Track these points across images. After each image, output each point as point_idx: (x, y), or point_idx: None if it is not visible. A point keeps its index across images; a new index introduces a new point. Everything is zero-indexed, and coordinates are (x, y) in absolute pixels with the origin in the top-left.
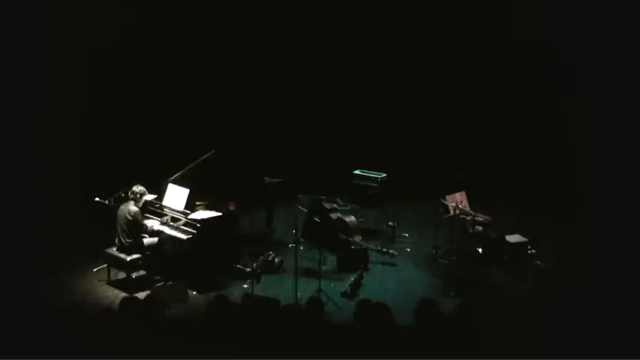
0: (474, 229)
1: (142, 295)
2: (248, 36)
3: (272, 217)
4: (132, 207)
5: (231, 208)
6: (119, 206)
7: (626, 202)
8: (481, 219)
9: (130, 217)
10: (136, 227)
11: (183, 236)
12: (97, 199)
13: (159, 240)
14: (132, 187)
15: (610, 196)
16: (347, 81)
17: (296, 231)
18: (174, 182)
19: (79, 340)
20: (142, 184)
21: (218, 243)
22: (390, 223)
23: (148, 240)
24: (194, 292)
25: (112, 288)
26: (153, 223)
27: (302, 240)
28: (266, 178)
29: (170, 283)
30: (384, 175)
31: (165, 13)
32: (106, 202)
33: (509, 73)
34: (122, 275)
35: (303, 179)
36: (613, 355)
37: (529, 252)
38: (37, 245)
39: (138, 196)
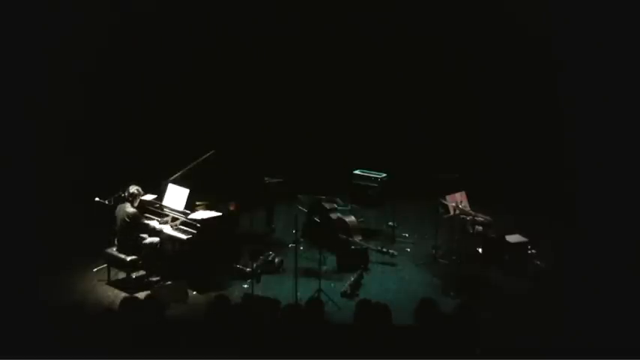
0: (474, 229)
1: (142, 295)
2: (248, 35)
3: (272, 217)
4: (129, 209)
5: (231, 208)
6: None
7: (625, 201)
8: (481, 219)
9: (127, 219)
10: (137, 228)
11: (183, 236)
12: (97, 199)
13: (159, 240)
14: (129, 187)
15: (609, 196)
16: (347, 81)
17: (296, 231)
18: (174, 182)
19: (79, 340)
20: (138, 184)
21: (218, 243)
22: (390, 223)
23: (148, 240)
24: (194, 292)
25: (112, 288)
26: (153, 224)
27: (302, 240)
28: (266, 178)
29: (170, 283)
30: (384, 175)
31: (165, 12)
32: (106, 202)
33: (509, 73)
34: (122, 275)
35: (303, 179)
36: (613, 355)
37: (529, 252)
38: (37, 245)
39: (134, 197)
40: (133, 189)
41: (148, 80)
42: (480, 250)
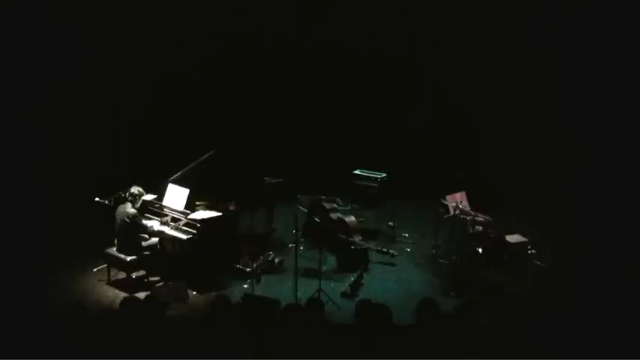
0: (474, 229)
1: (142, 295)
2: (248, 35)
3: (272, 217)
4: (129, 209)
5: (232, 207)
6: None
7: (625, 201)
8: (481, 219)
9: (128, 220)
10: (136, 229)
11: (184, 236)
12: (97, 199)
13: (159, 240)
14: (130, 187)
15: (609, 197)
16: (347, 81)
17: (296, 231)
18: (175, 182)
19: (79, 340)
20: (140, 185)
21: (218, 243)
22: (390, 223)
23: (148, 240)
24: (194, 292)
25: (112, 288)
26: (153, 224)
27: (302, 240)
28: (266, 178)
29: (170, 283)
30: (384, 175)
31: (166, 11)
32: (106, 202)
33: (509, 74)
34: (122, 275)
35: (303, 179)
36: (613, 355)
37: (529, 252)
38: (37, 245)
39: (135, 197)
40: (135, 189)
41: (148, 80)
42: (480, 250)
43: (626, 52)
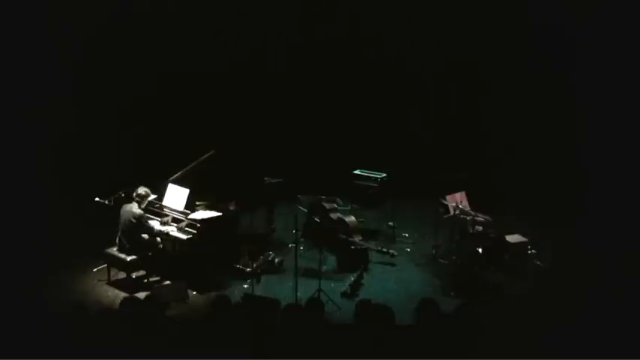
0: (474, 229)
1: (142, 295)
2: (248, 35)
3: (272, 217)
4: (136, 210)
5: (232, 207)
6: (120, 206)
7: (625, 201)
8: (481, 219)
9: (134, 220)
10: (141, 229)
11: (184, 236)
12: (97, 199)
13: (160, 240)
14: (136, 188)
15: (609, 196)
16: (347, 80)
17: (296, 231)
18: (175, 182)
19: (79, 340)
20: (137, 184)
21: (218, 243)
22: (390, 223)
23: (149, 240)
24: (194, 292)
25: (112, 288)
26: (153, 224)
27: (302, 240)
28: (266, 178)
29: (170, 283)
30: (384, 175)
31: (166, 10)
32: (106, 202)
33: (510, 74)
34: (122, 275)
35: (303, 179)
36: (613, 355)
37: (529, 252)
38: (37, 245)
39: (142, 198)
40: (142, 190)
41: (148, 79)
42: (480, 250)
43: (626, 53)
